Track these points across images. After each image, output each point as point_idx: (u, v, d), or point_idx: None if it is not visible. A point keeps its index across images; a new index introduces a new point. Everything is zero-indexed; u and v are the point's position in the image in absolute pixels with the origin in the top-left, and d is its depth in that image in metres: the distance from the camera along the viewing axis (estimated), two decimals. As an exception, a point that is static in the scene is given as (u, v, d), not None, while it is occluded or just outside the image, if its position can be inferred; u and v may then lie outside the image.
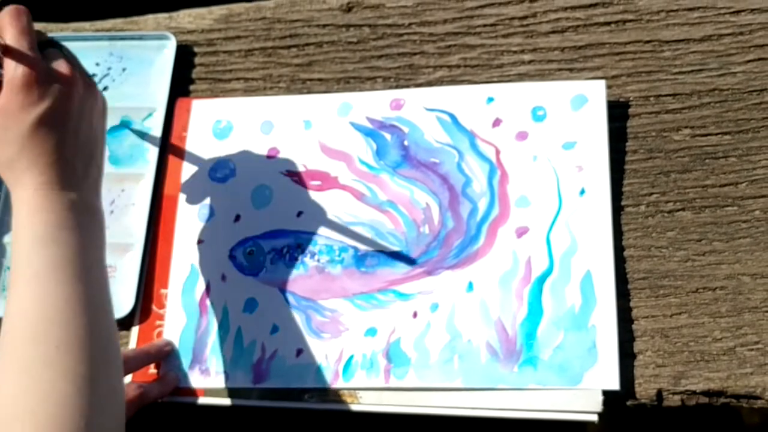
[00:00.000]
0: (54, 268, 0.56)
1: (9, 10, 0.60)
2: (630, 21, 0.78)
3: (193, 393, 0.72)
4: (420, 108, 0.76)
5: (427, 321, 0.69)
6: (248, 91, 0.82)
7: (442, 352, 0.68)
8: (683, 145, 0.73)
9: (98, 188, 0.63)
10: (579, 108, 0.73)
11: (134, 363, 0.70)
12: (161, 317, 0.74)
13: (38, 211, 0.57)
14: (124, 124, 0.81)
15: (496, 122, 0.74)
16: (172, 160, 0.79)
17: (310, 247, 0.74)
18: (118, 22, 0.87)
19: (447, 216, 0.72)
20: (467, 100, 0.75)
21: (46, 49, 0.61)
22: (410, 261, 0.72)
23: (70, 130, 0.59)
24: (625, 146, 0.74)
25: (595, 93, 0.73)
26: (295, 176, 0.76)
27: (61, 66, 0.60)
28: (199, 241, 0.76)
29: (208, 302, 0.74)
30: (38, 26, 0.85)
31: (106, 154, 0.79)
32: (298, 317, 0.72)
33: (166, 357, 0.72)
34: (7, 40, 0.58)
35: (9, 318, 0.54)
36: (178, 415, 0.72)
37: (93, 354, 0.54)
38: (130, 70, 0.83)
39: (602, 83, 0.74)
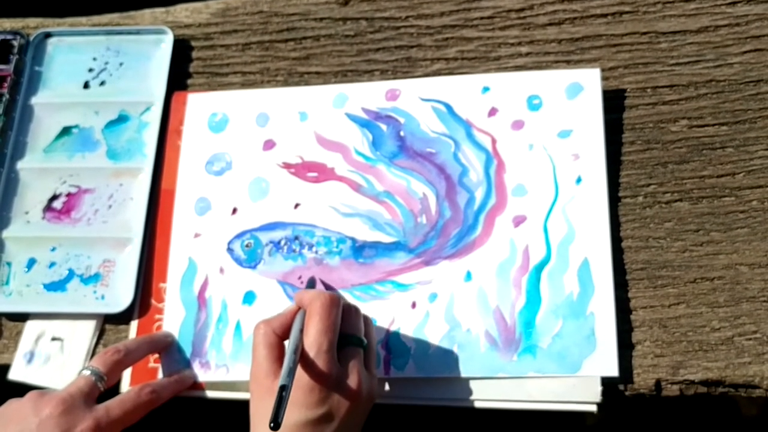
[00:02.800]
0: None
1: (322, 299, 0.60)
2: (627, 13, 0.78)
3: (193, 386, 0.71)
4: (415, 98, 0.76)
5: (426, 311, 0.69)
6: (246, 85, 0.82)
7: (441, 342, 0.68)
8: (680, 136, 0.73)
9: None
10: (574, 96, 0.73)
11: (136, 354, 0.70)
12: (160, 311, 0.74)
13: None
14: (122, 119, 0.81)
15: (492, 111, 0.74)
16: (169, 154, 0.79)
17: (308, 239, 0.74)
18: (114, 16, 0.87)
19: (444, 206, 0.72)
20: (463, 89, 0.76)
21: (346, 346, 0.61)
22: (408, 251, 0.72)
23: None
24: (623, 137, 0.74)
25: (590, 81, 0.73)
26: (291, 168, 0.76)
27: (353, 377, 0.60)
28: (197, 235, 0.76)
29: (206, 295, 0.73)
30: (35, 21, 0.87)
31: (104, 148, 0.80)
32: (297, 309, 0.72)
33: (167, 348, 0.72)
34: (310, 333, 0.59)
35: None
36: (178, 408, 0.72)
37: None
38: (127, 64, 0.83)
39: (597, 71, 0.74)
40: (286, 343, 0.61)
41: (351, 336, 0.62)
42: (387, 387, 0.69)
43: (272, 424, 0.53)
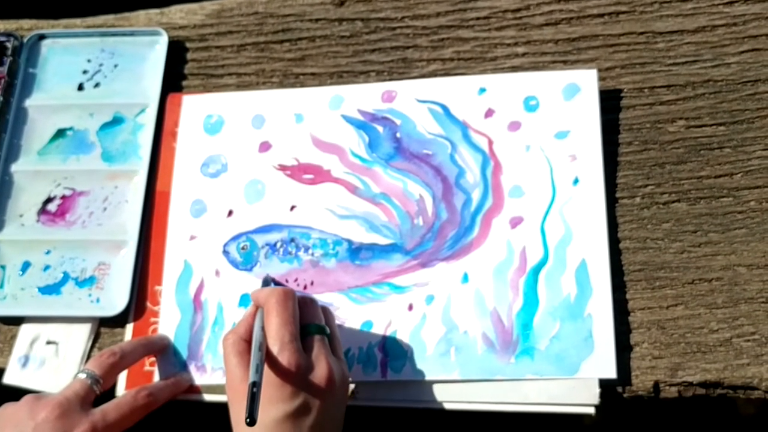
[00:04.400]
0: None
1: (277, 294, 0.62)
2: (623, 13, 0.78)
3: (189, 389, 0.71)
4: (412, 100, 0.76)
5: (423, 313, 0.69)
6: (241, 87, 0.81)
7: (438, 344, 0.68)
8: (678, 136, 0.73)
9: None
10: (571, 97, 0.73)
11: (132, 356, 0.69)
12: (156, 314, 0.74)
13: None
14: (117, 121, 0.81)
15: (489, 113, 0.74)
16: (164, 156, 0.79)
17: (304, 241, 0.73)
18: (109, 18, 0.87)
19: (441, 207, 0.72)
20: (459, 91, 0.75)
21: (308, 335, 0.62)
22: (405, 253, 0.71)
23: (309, 428, 0.59)
24: (620, 138, 0.74)
25: (587, 82, 0.73)
26: (287, 170, 0.76)
27: (321, 364, 0.60)
28: (192, 237, 0.75)
29: (202, 298, 0.73)
30: (29, 23, 0.87)
31: (99, 151, 0.79)
32: (293, 312, 0.71)
33: (162, 350, 0.72)
34: (271, 329, 0.60)
35: None
36: (174, 411, 0.71)
37: None
38: (122, 66, 0.83)
39: (594, 72, 0.74)
40: None
41: (311, 325, 0.63)
42: (384, 390, 0.68)
43: (248, 420, 0.53)
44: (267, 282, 0.71)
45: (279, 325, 0.60)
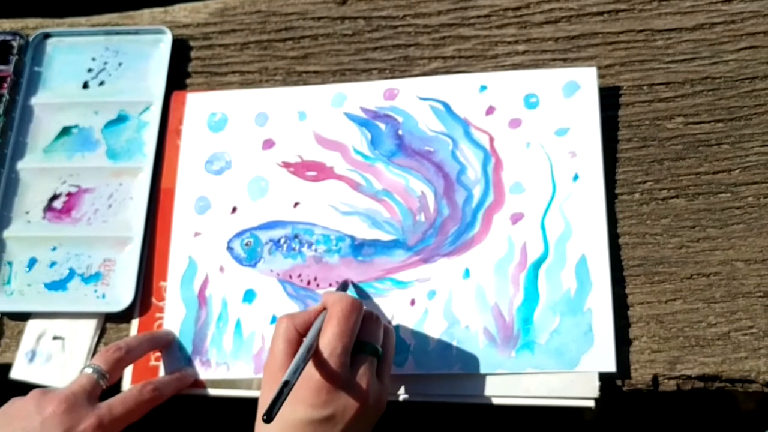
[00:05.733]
0: None
1: (344, 303, 0.61)
2: (623, 11, 0.78)
3: (194, 384, 0.72)
4: (413, 97, 0.77)
5: (425, 308, 0.70)
6: (244, 84, 0.82)
7: (440, 338, 0.69)
8: (676, 133, 0.74)
9: None
10: (571, 95, 0.74)
11: (138, 351, 0.70)
12: (161, 310, 0.74)
13: None
14: (122, 118, 0.81)
15: (490, 110, 0.75)
16: (168, 153, 0.80)
17: (307, 237, 0.74)
18: (113, 16, 0.87)
19: (442, 204, 0.73)
20: (460, 88, 0.76)
21: (361, 353, 0.62)
22: (407, 249, 0.72)
23: None
24: (619, 135, 0.74)
25: (586, 79, 0.74)
26: (290, 167, 0.77)
27: (362, 383, 0.60)
28: (197, 234, 0.76)
29: (207, 294, 0.74)
30: (34, 22, 0.87)
31: (104, 148, 0.80)
32: (297, 307, 0.72)
33: (168, 345, 0.73)
34: (326, 335, 0.59)
35: None
36: (179, 406, 0.72)
37: None
38: (126, 64, 0.84)
39: (593, 69, 0.74)
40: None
41: (366, 343, 0.62)
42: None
43: (265, 417, 0.53)
44: (345, 286, 0.71)
45: (335, 335, 0.59)
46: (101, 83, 0.83)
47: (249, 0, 0.85)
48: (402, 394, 0.69)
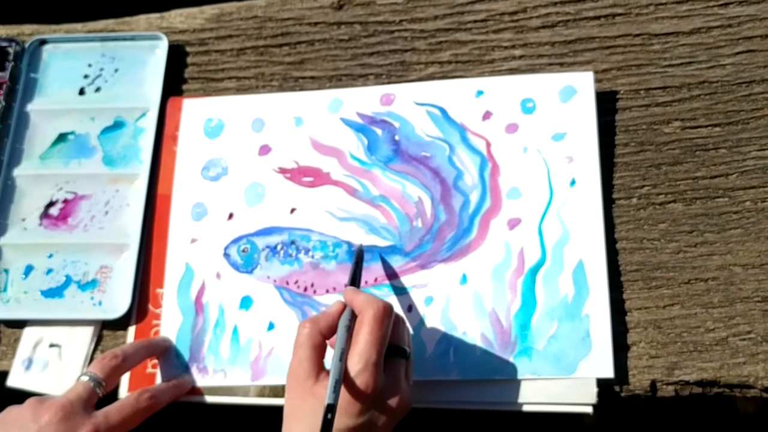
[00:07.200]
0: None
1: (375, 308, 0.59)
2: (619, 15, 0.78)
3: (191, 391, 0.72)
4: (410, 102, 0.76)
5: (422, 314, 0.70)
6: (241, 90, 0.82)
7: (437, 344, 0.68)
8: (674, 137, 0.73)
9: None
10: (568, 99, 0.74)
11: (134, 359, 0.70)
12: (158, 317, 0.74)
13: None
14: (118, 125, 0.81)
15: (486, 115, 0.75)
16: (165, 159, 0.79)
17: (304, 244, 0.74)
18: (109, 22, 0.87)
19: (439, 209, 0.73)
20: (457, 93, 0.76)
21: (392, 356, 0.61)
22: (404, 255, 0.72)
23: None
24: (616, 139, 0.74)
25: (583, 84, 0.74)
26: (287, 173, 0.77)
27: (396, 389, 0.60)
28: (194, 240, 0.76)
29: (203, 301, 0.74)
30: (31, 28, 0.87)
31: (100, 155, 0.80)
32: (294, 313, 0.72)
33: (164, 353, 0.73)
34: (359, 343, 0.58)
35: None
36: (176, 413, 0.72)
37: None
38: (122, 70, 0.84)
39: (590, 74, 0.74)
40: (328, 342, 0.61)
41: (398, 348, 0.61)
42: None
43: None
44: (360, 251, 0.70)
45: (370, 344, 0.58)
46: (97, 89, 0.83)
47: (245, 5, 0.85)
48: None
